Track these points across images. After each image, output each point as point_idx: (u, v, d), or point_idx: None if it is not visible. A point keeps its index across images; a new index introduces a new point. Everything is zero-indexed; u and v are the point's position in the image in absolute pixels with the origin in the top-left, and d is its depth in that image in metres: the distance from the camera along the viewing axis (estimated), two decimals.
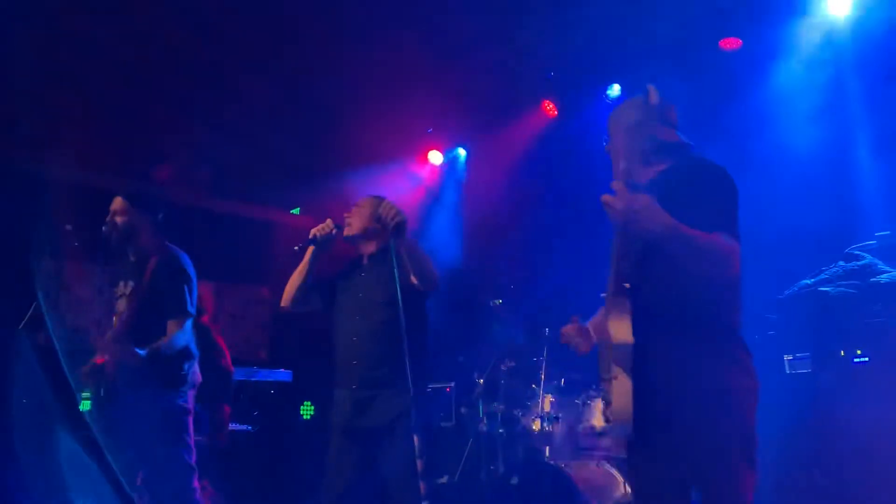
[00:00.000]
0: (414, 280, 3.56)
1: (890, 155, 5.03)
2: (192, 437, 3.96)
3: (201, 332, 4.47)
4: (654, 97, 2.44)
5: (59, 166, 7.14)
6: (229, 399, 5.76)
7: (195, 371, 4.05)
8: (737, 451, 2.28)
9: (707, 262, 2.27)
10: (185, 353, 3.98)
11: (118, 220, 4.10)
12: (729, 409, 2.29)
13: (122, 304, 4.09)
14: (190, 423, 3.97)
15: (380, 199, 3.76)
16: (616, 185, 2.19)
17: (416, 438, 3.16)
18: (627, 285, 2.39)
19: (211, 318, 5.96)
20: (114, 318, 4.11)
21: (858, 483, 4.25)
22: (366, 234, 3.79)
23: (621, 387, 2.30)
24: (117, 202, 4.13)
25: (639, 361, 2.30)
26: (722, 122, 5.60)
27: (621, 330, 2.33)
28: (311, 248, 3.76)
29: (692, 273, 2.30)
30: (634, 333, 2.31)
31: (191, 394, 4.01)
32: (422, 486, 3.13)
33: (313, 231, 3.72)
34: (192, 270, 4.11)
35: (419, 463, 3.15)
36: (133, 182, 7.45)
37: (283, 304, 3.87)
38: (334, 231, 3.72)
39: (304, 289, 3.82)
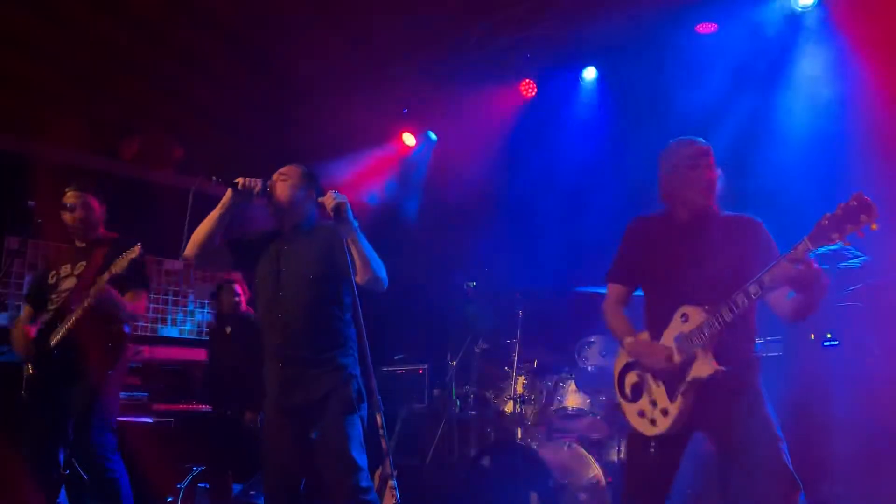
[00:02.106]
0: (359, 280, 3.32)
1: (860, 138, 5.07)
2: (116, 408, 4.26)
3: None
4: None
5: (26, 141, 7.01)
6: None
7: (132, 350, 4.39)
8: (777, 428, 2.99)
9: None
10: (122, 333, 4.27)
11: (73, 211, 4.30)
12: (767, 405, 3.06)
13: (70, 282, 4.25)
14: (116, 393, 4.29)
15: (308, 173, 3.63)
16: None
17: (378, 417, 3.01)
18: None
19: None
20: (58, 297, 4.23)
21: (826, 466, 4.29)
22: (288, 205, 3.54)
23: (686, 402, 2.99)
24: (71, 194, 4.32)
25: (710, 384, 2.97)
26: (694, 104, 5.60)
27: (709, 363, 2.95)
28: (228, 194, 3.49)
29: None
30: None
31: (120, 369, 4.29)
32: (388, 463, 2.97)
33: (240, 180, 3.44)
34: None
35: (383, 442, 3.01)
36: (99, 159, 7.35)
37: (185, 252, 3.49)
38: (258, 189, 3.46)
39: (212, 238, 3.49)
